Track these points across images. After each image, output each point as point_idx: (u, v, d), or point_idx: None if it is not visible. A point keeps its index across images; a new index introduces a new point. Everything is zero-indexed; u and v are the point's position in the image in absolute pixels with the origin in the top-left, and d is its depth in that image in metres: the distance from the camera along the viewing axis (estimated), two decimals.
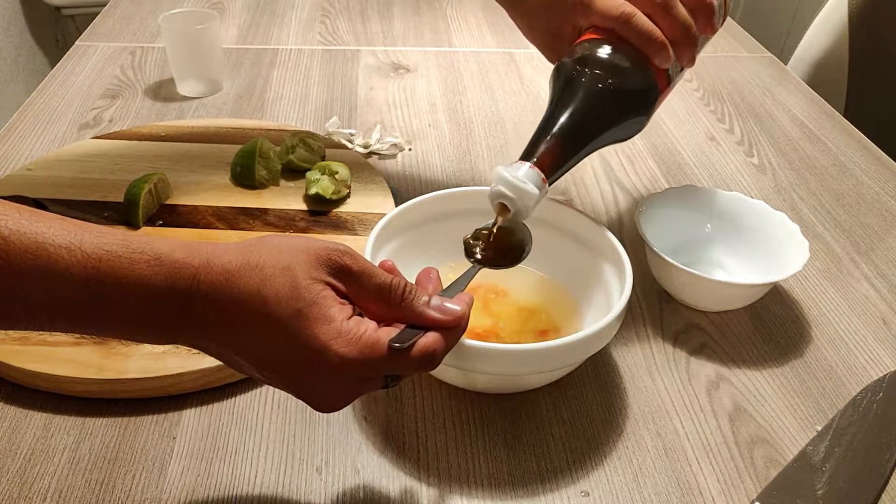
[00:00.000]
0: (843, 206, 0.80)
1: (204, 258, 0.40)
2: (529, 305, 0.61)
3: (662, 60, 0.57)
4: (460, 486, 0.50)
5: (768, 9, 2.22)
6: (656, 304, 0.66)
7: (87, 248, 0.38)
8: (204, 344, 0.42)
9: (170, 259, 0.40)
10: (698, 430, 0.55)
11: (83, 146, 0.81)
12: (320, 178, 0.73)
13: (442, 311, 0.43)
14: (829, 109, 1.00)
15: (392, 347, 0.40)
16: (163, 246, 0.40)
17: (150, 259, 0.39)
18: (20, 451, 0.51)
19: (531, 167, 0.53)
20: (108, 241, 0.39)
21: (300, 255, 0.41)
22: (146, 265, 0.39)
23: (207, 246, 0.41)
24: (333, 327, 0.40)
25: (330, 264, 0.41)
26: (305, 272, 0.41)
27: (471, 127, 0.91)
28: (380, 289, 0.42)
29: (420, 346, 0.41)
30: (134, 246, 0.39)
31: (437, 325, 0.43)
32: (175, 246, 0.41)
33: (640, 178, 0.83)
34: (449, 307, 0.43)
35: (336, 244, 0.43)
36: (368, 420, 0.54)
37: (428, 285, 0.46)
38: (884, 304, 0.67)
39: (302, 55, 1.07)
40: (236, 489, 0.49)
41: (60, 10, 2.15)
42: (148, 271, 0.39)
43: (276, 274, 0.40)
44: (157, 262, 0.39)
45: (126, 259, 0.39)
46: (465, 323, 0.44)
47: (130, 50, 1.06)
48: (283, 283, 0.40)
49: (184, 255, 0.40)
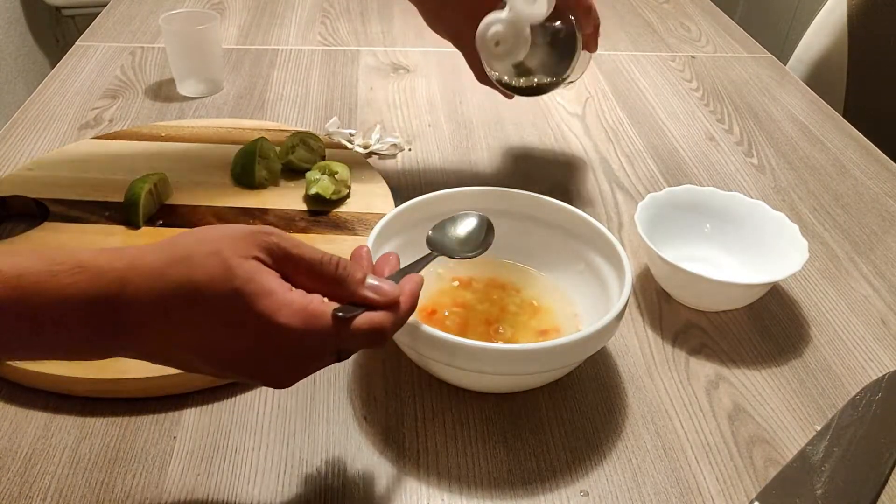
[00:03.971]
0: (842, 206, 0.81)
1: (128, 260, 0.40)
2: (529, 305, 0.61)
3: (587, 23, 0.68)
4: (460, 486, 0.50)
5: (768, 9, 2.22)
6: (656, 304, 0.66)
7: (4, 267, 0.37)
8: (146, 349, 0.41)
9: (93, 265, 0.39)
10: (697, 429, 0.55)
11: (83, 146, 0.81)
12: (320, 178, 0.73)
13: (375, 291, 0.42)
14: (828, 110, 1.00)
15: (336, 317, 0.40)
16: (84, 254, 0.39)
17: (73, 268, 0.38)
18: (20, 451, 0.51)
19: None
20: (25, 258, 0.38)
21: (225, 240, 0.40)
22: (68, 274, 0.38)
23: (130, 249, 0.41)
24: (275, 299, 0.39)
25: (258, 243, 0.41)
26: (234, 252, 0.40)
27: (471, 127, 0.92)
28: (311, 265, 0.42)
29: (367, 318, 0.41)
30: (54, 258, 0.38)
31: (371, 304, 0.42)
32: (97, 253, 0.40)
33: (640, 179, 0.83)
34: (384, 288, 0.42)
35: (261, 226, 0.42)
36: (368, 420, 0.55)
37: (384, 268, 0.46)
38: (883, 304, 0.67)
39: (302, 55, 1.07)
40: (236, 489, 0.50)
41: (60, 10, 2.15)
42: (71, 280, 0.38)
43: (204, 260, 0.39)
44: (79, 270, 0.38)
45: (46, 272, 0.38)
46: (411, 302, 0.44)
47: (130, 50, 1.06)
48: (213, 267, 0.39)
49: (106, 260, 0.39)
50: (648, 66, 1.09)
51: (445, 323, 0.59)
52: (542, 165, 0.85)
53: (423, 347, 0.51)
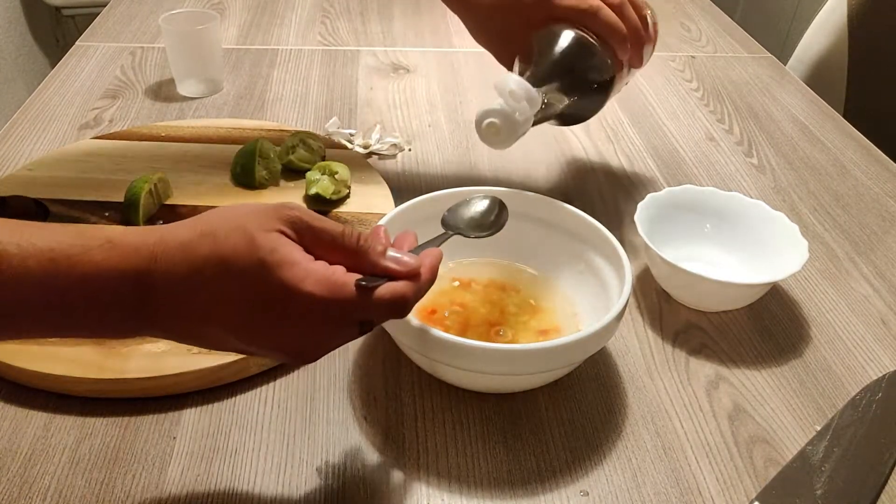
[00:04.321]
0: (842, 206, 0.81)
1: (157, 236, 0.40)
2: (529, 305, 0.61)
3: (623, 51, 0.64)
4: (460, 486, 0.50)
5: (768, 9, 2.22)
6: (656, 304, 0.66)
7: (39, 242, 0.38)
8: (174, 326, 0.41)
9: (123, 241, 0.40)
10: (698, 429, 0.55)
11: (83, 146, 0.81)
12: (320, 178, 0.73)
13: (397, 262, 0.43)
14: (828, 110, 1.00)
15: (359, 286, 0.40)
16: (115, 230, 0.40)
17: (104, 243, 0.39)
18: (20, 451, 0.51)
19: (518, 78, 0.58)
20: (58, 233, 0.39)
21: (249, 215, 0.41)
22: (101, 250, 0.39)
23: (159, 227, 0.41)
24: (301, 268, 0.40)
25: (281, 217, 0.41)
26: (258, 225, 0.40)
27: (471, 127, 0.91)
28: (333, 237, 0.42)
29: (390, 288, 0.41)
30: (86, 234, 0.39)
31: (392, 274, 0.43)
32: (127, 230, 0.41)
33: (640, 178, 0.83)
34: (404, 259, 0.43)
35: (284, 202, 0.43)
36: (368, 420, 0.55)
37: (403, 244, 0.46)
38: (883, 305, 0.67)
39: (302, 55, 1.07)
40: (236, 489, 0.50)
41: (60, 10, 2.15)
42: (103, 255, 0.39)
43: (229, 234, 0.40)
44: (110, 246, 0.39)
45: (79, 247, 0.38)
46: (431, 274, 0.44)
47: (130, 50, 1.06)
48: (238, 240, 0.40)
49: (137, 237, 0.40)
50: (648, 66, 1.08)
51: (445, 323, 0.59)
52: (542, 165, 0.85)
53: (423, 348, 0.51)
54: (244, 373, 0.56)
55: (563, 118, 0.67)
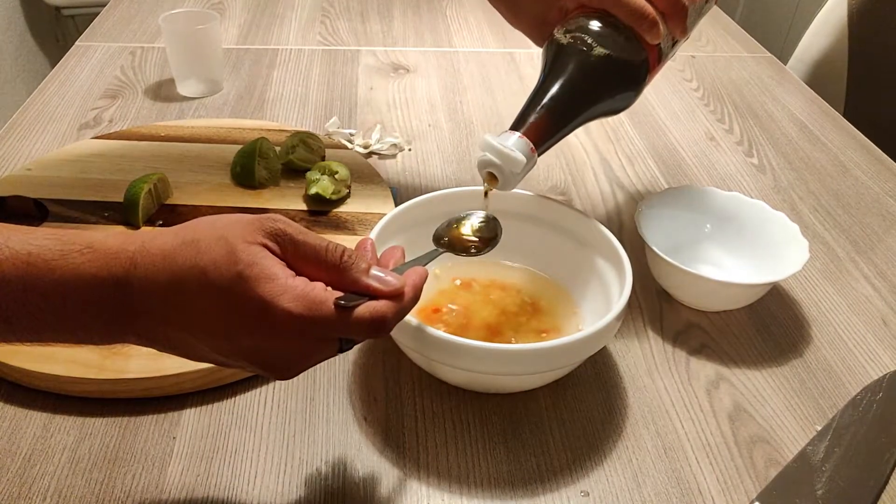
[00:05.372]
0: (842, 206, 0.80)
1: (138, 243, 0.40)
2: (529, 305, 0.61)
3: (653, 36, 0.57)
4: (460, 486, 0.50)
5: (768, 9, 2.22)
6: (656, 303, 0.66)
7: (15, 244, 0.37)
8: (151, 333, 0.41)
9: (103, 247, 0.39)
10: (698, 429, 0.55)
11: (83, 146, 0.81)
12: (320, 178, 0.73)
13: (379, 281, 0.42)
14: (828, 109, 1.00)
15: (338, 305, 0.40)
16: (95, 236, 0.40)
17: (83, 248, 0.39)
18: (20, 451, 0.51)
19: (520, 136, 0.53)
20: (37, 237, 0.38)
21: (233, 225, 0.41)
22: (79, 254, 0.38)
23: (141, 233, 0.41)
24: (278, 284, 0.39)
25: (264, 229, 0.41)
26: (240, 237, 0.40)
27: (471, 127, 0.92)
28: (316, 251, 0.42)
29: (370, 308, 0.41)
30: (65, 238, 0.39)
31: (373, 293, 0.42)
32: (108, 235, 0.40)
33: (640, 178, 0.83)
34: (387, 278, 0.42)
35: (268, 214, 0.42)
36: (368, 420, 0.54)
37: (389, 260, 0.46)
38: (883, 304, 0.67)
39: (302, 55, 1.07)
40: (236, 489, 0.50)
41: (60, 10, 2.15)
42: (81, 259, 0.38)
43: (211, 245, 0.40)
44: (90, 251, 0.39)
45: (57, 251, 0.38)
46: (414, 294, 0.43)
47: (130, 50, 1.06)
48: (219, 251, 0.39)
49: (117, 243, 0.40)
50: None
51: (446, 323, 0.59)
52: (542, 165, 0.85)
53: (423, 348, 0.51)
54: (244, 373, 0.56)
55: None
